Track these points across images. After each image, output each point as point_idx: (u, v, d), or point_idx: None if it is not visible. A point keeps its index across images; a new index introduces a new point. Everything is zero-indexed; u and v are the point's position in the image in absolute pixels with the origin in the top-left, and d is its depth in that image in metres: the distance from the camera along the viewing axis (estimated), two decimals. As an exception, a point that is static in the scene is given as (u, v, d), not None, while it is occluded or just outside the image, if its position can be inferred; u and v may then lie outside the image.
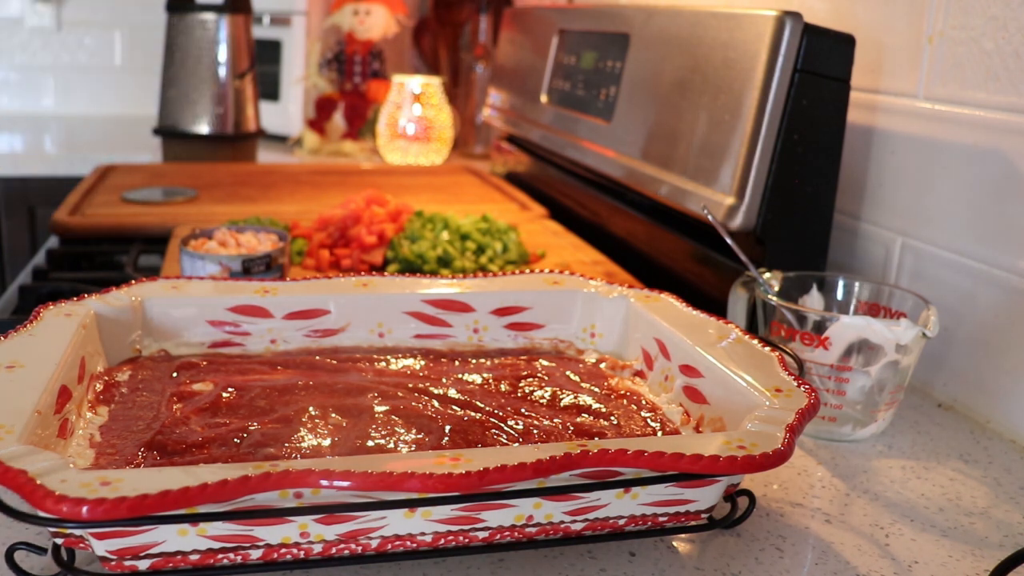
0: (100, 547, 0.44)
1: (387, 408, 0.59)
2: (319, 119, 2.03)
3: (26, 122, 2.33)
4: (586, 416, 0.61)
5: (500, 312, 0.73)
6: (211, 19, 1.69)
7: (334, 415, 0.58)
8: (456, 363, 0.69)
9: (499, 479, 0.43)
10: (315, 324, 0.70)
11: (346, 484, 0.42)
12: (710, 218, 0.78)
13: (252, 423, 0.57)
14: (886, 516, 0.60)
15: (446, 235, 0.99)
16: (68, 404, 0.54)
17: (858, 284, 0.78)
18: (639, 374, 0.69)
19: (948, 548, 0.57)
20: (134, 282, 0.69)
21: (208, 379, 0.63)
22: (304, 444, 0.55)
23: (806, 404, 0.52)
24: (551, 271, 0.77)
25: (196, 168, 1.55)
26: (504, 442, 0.56)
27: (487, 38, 2.05)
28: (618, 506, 0.50)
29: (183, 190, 1.34)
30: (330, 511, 0.45)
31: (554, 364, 0.69)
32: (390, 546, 0.48)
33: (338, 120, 2.03)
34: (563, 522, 0.50)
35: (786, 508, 0.60)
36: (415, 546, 0.48)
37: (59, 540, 0.46)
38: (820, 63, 0.80)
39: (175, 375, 0.63)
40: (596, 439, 0.56)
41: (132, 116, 2.44)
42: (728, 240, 0.75)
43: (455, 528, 0.48)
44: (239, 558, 0.46)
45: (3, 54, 2.41)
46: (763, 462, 0.46)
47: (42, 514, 0.42)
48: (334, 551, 0.48)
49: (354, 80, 2.06)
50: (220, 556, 0.46)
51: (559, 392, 0.64)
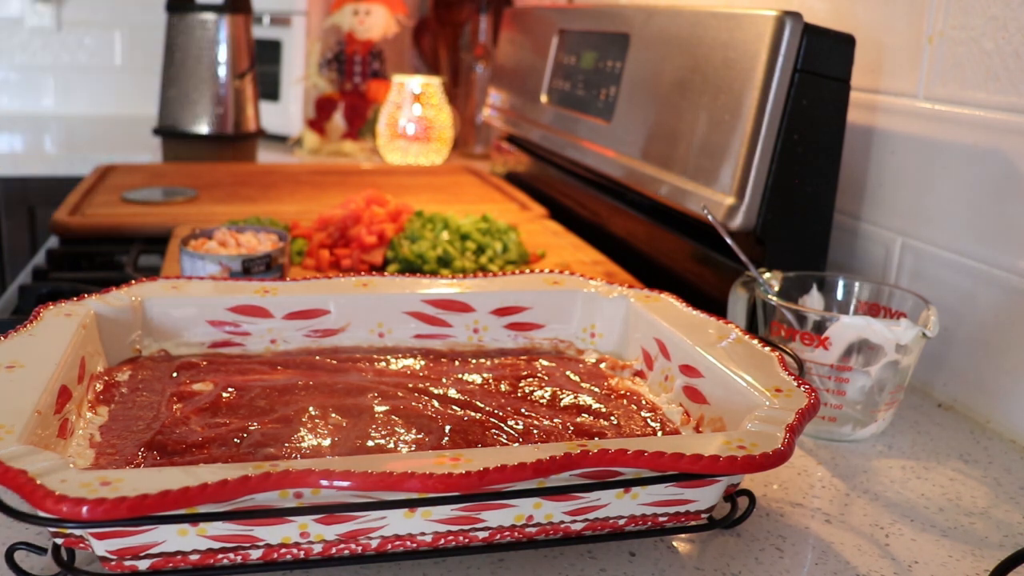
0: (100, 547, 0.44)
1: (387, 408, 0.59)
2: (319, 119, 2.03)
3: (26, 122, 2.33)
4: (586, 416, 0.61)
5: (500, 312, 0.73)
6: (211, 19, 1.69)
7: (334, 415, 0.58)
8: (456, 363, 0.69)
9: (499, 479, 0.43)
10: (315, 324, 0.70)
11: (346, 484, 0.42)
12: (710, 218, 0.78)
13: (252, 423, 0.57)
14: (886, 516, 0.60)
15: (446, 235, 0.99)
16: (68, 404, 0.54)
17: (858, 284, 0.78)
18: (639, 374, 0.69)
19: (948, 548, 0.57)
20: (134, 282, 0.69)
21: (208, 379, 0.63)
22: (304, 444, 0.55)
23: (806, 404, 0.53)
24: (551, 271, 0.77)
25: (196, 168, 1.55)
26: (504, 442, 0.56)
27: (487, 38, 2.05)
28: (618, 506, 0.50)
29: (183, 190, 1.34)
30: (330, 511, 0.45)
31: (554, 364, 0.69)
32: (390, 546, 0.48)
33: (338, 120, 2.03)
34: (563, 522, 0.50)
35: (786, 508, 0.60)
36: (415, 546, 0.48)
37: (59, 540, 0.46)
38: (820, 63, 0.80)
39: (175, 375, 0.64)
40: (596, 439, 0.56)
41: (132, 116, 2.44)
42: (728, 240, 0.75)
43: (455, 528, 0.48)
44: (239, 558, 0.46)
45: (3, 54, 2.41)
46: (763, 462, 0.46)
47: (42, 514, 0.42)
48: (334, 551, 0.48)
49: (354, 80, 2.06)
50: (220, 556, 0.46)
51: (559, 392, 0.64)
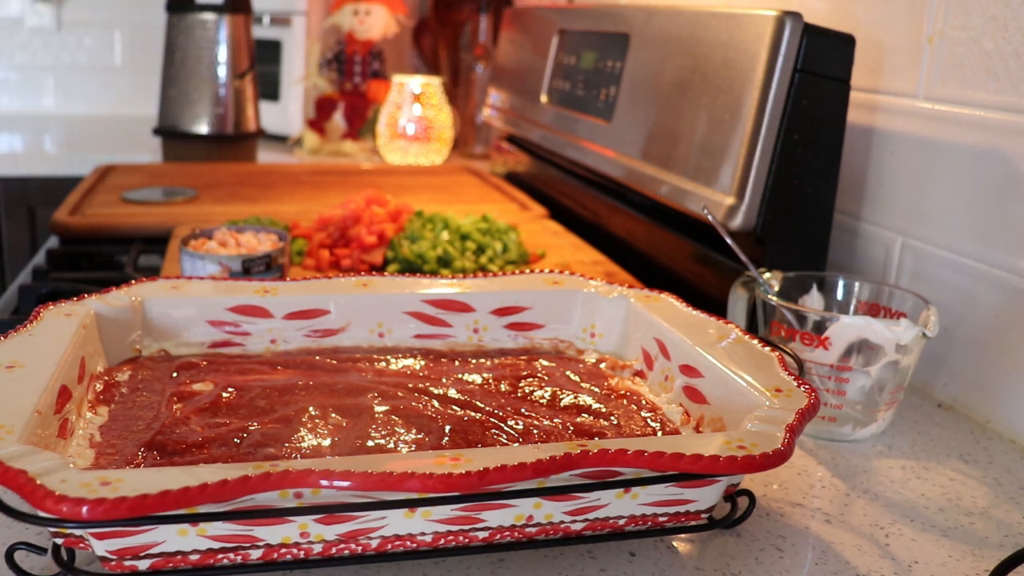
0: (100, 547, 0.44)
1: (387, 408, 0.59)
2: (319, 119, 2.03)
3: (26, 122, 2.33)
4: (586, 416, 0.61)
5: (500, 312, 0.73)
6: (211, 19, 1.69)
7: (334, 415, 0.58)
8: (456, 363, 0.69)
9: (499, 479, 0.43)
10: (315, 324, 0.70)
11: (346, 484, 0.42)
12: (710, 218, 0.78)
13: (252, 423, 0.57)
14: (886, 516, 0.60)
15: (446, 235, 0.99)
16: (68, 404, 0.54)
17: (858, 284, 0.78)
18: (639, 374, 0.69)
19: (948, 548, 0.57)
20: (134, 282, 0.69)
21: (208, 379, 0.63)
22: (304, 444, 0.55)
23: (806, 404, 0.52)
24: (551, 271, 0.77)
25: (196, 168, 1.55)
26: (504, 442, 0.56)
27: (487, 38, 2.05)
28: (618, 506, 0.50)
29: (183, 190, 1.34)
30: (330, 511, 0.45)
31: (554, 364, 0.69)
32: (390, 546, 0.48)
33: (338, 120, 2.03)
34: (563, 522, 0.50)
35: (786, 508, 0.60)
36: (415, 546, 0.48)
37: (59, 540, 0.46)
38: (820, 63, 0.80)
39: (175, 375, 0.64)
40: (596, 439, 0.56)
41: (132, 116, 2.44)
42: (728, 240, 0.75)
43: (455, 528, 0.48)
44: (239, 558, 0.46)
45: (3, 54, 2.41)
46: (763, 462, 0.46)
47: (42, 514, 0.42)
48: (334, 551, 0.48)
49: (354, 80, 2.06)
50: (220, 556, 0.46)
51: (559, 392, 0.64)
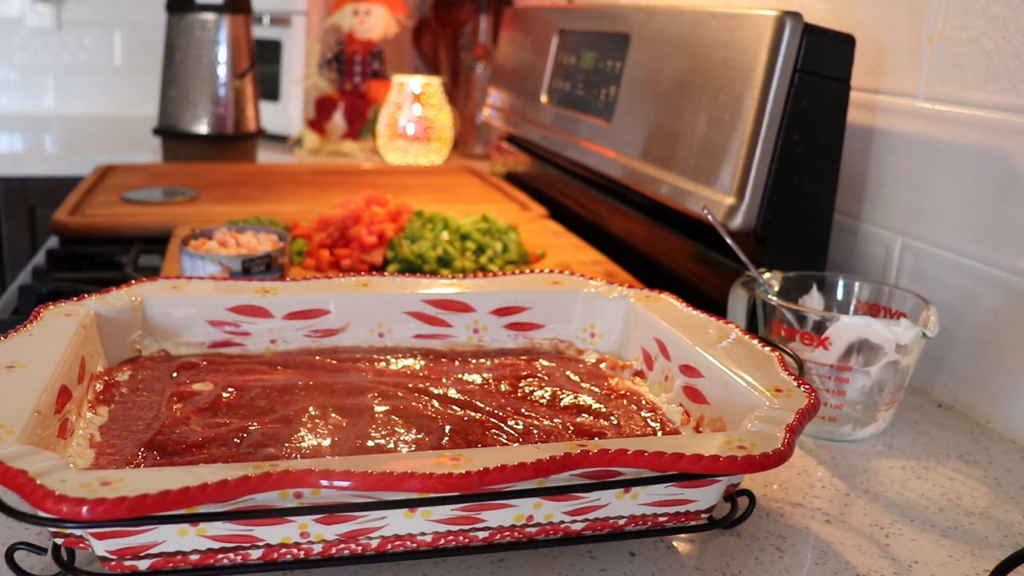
0: (100, 547, 0.44)
1: (387, 408, 0.59)
2: (319, 119, 2.03)
3: (26, 122, 2.33)
4: (586, 416, 0.61)
5: (500, 312, 0.73)
6: (211, 19, 1.69)
7: (334, 415, 0.58)
8: (456, 363, 0.69)
9: (499, 479, 0.43)
10: (315, 324, 0.70)
11: (346, 484, 0.42)
12: (710, 218, 0.78)
13: (252, 423, 0.57)
14: (886, 516, 0.60)
15: (446, 235, 0.99)
16: (68, 404, 0.54)
17: (858, 284, 0.78)
18: (639, 374, 0.69)
19: (948, 548, 0.57)
20: (134, 282, 0.69)
21: (208, 379, 0.63)
22: (304, 444, 0.55)
23: (806, 404, 0.52)
24: (551, 271, 0.77)
25: (196, 168, 1.55)
26: (504, 442, 0.56)
27: (487, 38, 2.05)
28: (618, 506, 0.50)
29: (183, 190, 1.34)
30: (330, 511, 0.45)
31: (554, 364, 0.69)
32: (390, 546, 0.48)
33: (338, 120, 2.03)
34: (563, 522, 0.50)
35: (786, 508, 0.60)
36: (415, 546, 0.48)
37: (59, 540, 0.46)
38: (820, 63, 0.80)
39: (175, 375, 0.64)
40: (596, 439, 0.56)
41: (132, 116, 2.44)
42: (728, 240, 0.75)
43: (455, 528, 0.48)
44: (239, 558, 0.46)
45: (3, 54, 2.41)
46: (763, 462, 0.46)
47: (42, 514, 0.42)
48: (334, 551, 0.48)
49: (354, 80, 2.06)
50: (220, 556, 0.46)
51: (559, 392, 0.64)
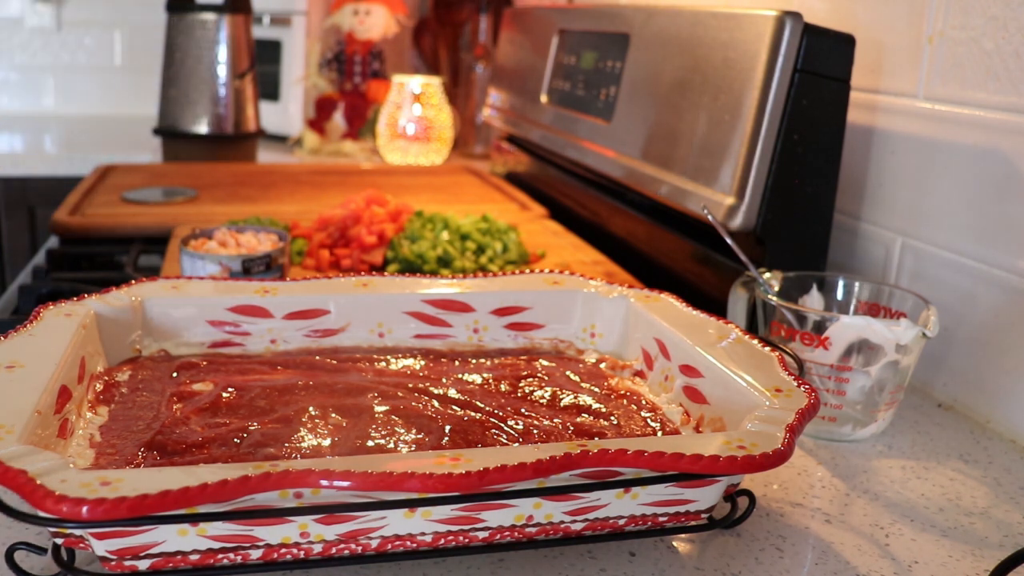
0: (100, 547, 0.44)
1: (387, 408, 0.59)
2: (319, 119, 2.03)
3: (26, 122, 2.33)
4: (586, 416, 0.61)
5: (500, 312, 0.73)
6: (211, 19, 1.69)
7: (334, 415, 0.58)
8: (456, 363, 0.69)
9: (499, 479, 0.43)
10: (315, 324, 0.70)
11: (346, 484, 0.42)
12: (710, 218, 0.78)
13: (252, 423, 0.57)
14: (886, 516, 0.60)
15: (446, 235, 0.99)
16: (68, 404, 0.54)
17: (858, 284, 0.78)
18: (639, 374, 0.69)
19: (948, 548, 0.57)
20: (134, 282, 0.69)
21: (208, 379, 0.63)
22: (304, 444, 0.55)
23: (806, 404, 0.52)
24: (551, 271, 0.77)
25: (196, 168, 1.55)
26: (504, 442, 0.56)
27: (487, 38, 2.05)
28: (618, 506, 0.50)
29: (183, 190, 1.34)
30: (330, 511, 0.45)
31: (554, 364, 0.69)
32: (390, 546, 0.48)
33: (338, 120, 2.03)
34: (563, 522, 0.50)
35: (786, 508, 0.60)
36: (415, 546, 0.48)
37: (59, 540, 0.46)
38: (820, 63, 0.80)
39: (175, 375, 0.64)
40: (596, 439, 0.56)
41: (132, 116, 2.44)
42: (728, 240, 0.75)
43: (455, 528, 0.48)
44: (239, 558, 0.46)
45: (3, 54, 2.41)
46: (763, 462, 0.46)
47: (42, 514, 0.42)
48: (334, 551, 0.48)
49: (354, 80, 2.06)
50: (220, 556, 0.46)
51: (559, 392, 0.64)
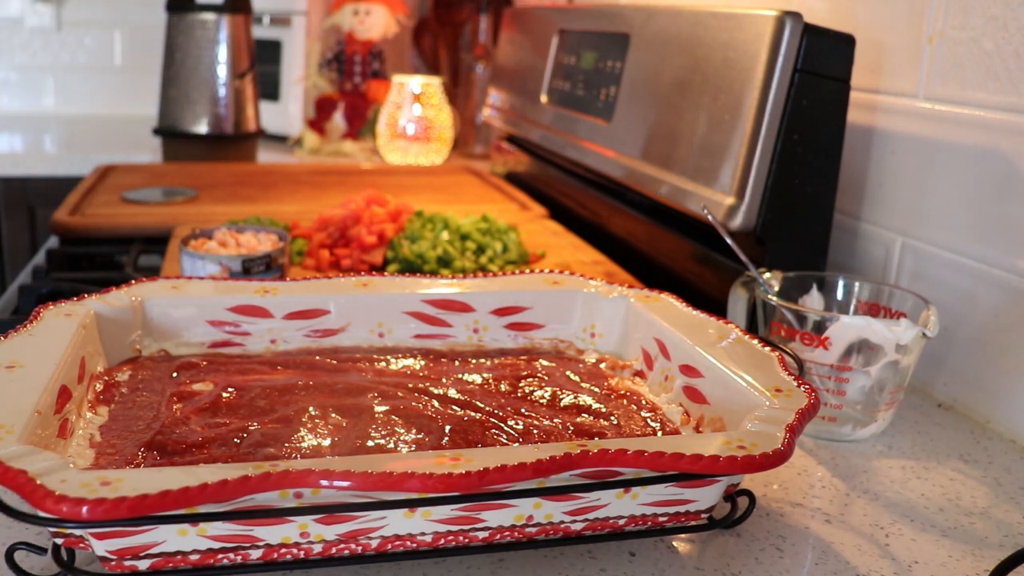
0: (100, 547, 0.44)
1: (387, 408, 0.59)
2: (319, 119, 2.03)
3: (26, 122, 2.33)
4: (586, 416, 0.61)
5: (500, 312, 0.73)
6: (211, 19, 1.69)
7: (334, 415, 0.58)
8: (456, 363, 0.69)
9: (499, 479, 0.43)
10: (315, 324, 0.70)
11: (346, 484, 0.42)
12: (710, 218, 0.78)
13: (252, 423, 0.57)
14: (886, 516, 0.60)
15: (446, 235, 0.99)
16: (68, 404, 0.54)
17: (858, 284, 0.78)
18: (639, 374, 0.69)
19: (948, 548, 0.57)
20: (134, 282, 0.69)
21: (208, 379, 0.63)
22: (304, 444, 0.55)
23: (806, 404, 0.52)
24: (551, 271, 0.77)
25: (196, 168, 1.55)
26: (504, 442, 0.56)
27: (487, 38, 2.05)
28: (618, 506, 0.50)
29: (183, 190, 1.34)
30: (330, 511, 0.45)
31: (554, 364, 0.69)
32: (390, 546, 0.48)
33: (338, 120, 2.03)
34: (563, 522, 0.50)
35: (786, 508, 0.60)
36: (415, 546, 0.48)
37: (59, 540, 0.46)
38: (820, 63, 0.80)
39: (175, 375, 0.64)
40: (596, 439, 0.56)
41: (132, 116, 2.44)
42: (728, 240, 0.75)
43: (455, 528, 0.48)
44: (239, 558, 0.46)
45: (3, 54, 2.41)
46: (763, 462, 0.46)
47: (42, 514, 0.42)
48: (334, 551, 0.48)
49: (354, 80, 2.06)
50: (220, 556, 0.46)
51: (559, 392, 0.64)
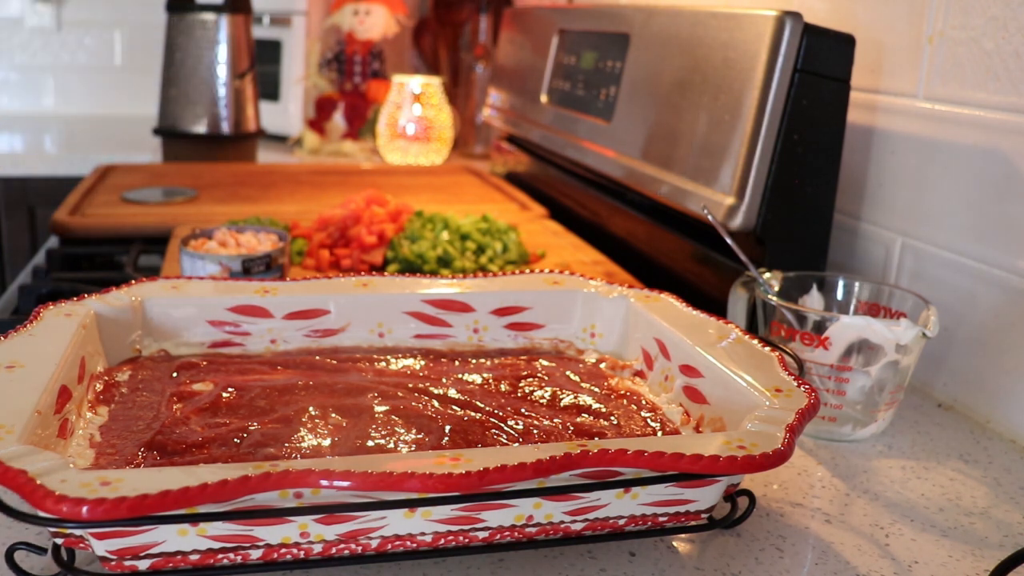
0: (100, 547, 0.44)
1: (387, 408, 0.59)
2: (319, 119, 2.03)
3: (26, 122, 2.33)
4: (586, 416, 0.61)
5: (500, 312, 0.73)
6: (211, 19, 1.69)
7: (334, 415, 0.58)
8: (456, 363, 0.69)
9: (499, 479, 0.43)
10: (315, 324, 0.70)
11: (346, 484, 0.42)
12: (710, 218, 0.78)
13: (252, 423, 0.57)
14: (886, 516, 0.60)
15: (446, 235, 0.99)
16: (68, 404, 0.54)
17: (858, 284, 0.78)
18: (639, 374, 0.69)
19: (948, 548, 0.57)
20: (134, 282, 0.69)
21: (208, 379, 0.63)
22: (304, 444, 0.55)
23: (806, 404, 0.52)
24: (551, 271, 0.77)
25: (196, 168, 1.55)
26: (504, 442, 0.56)
27: (487, 38, 2.05)
28: (618, 506, 0.50)
29: (183, 190, 1.34)
30: (330, 511, 0.45)
31: (554, 364, 0.69)
32: (390, 546, 0.48)
33: (338, 120, 2.03)
34: (563, 522, 0.50)
35: (786, 508, 0.60)
36: (415, 546, 0.48)
37: (59, 540, 0.46)
38: (820, 63, 0.80)
39: (175, 375, 0.64)
40: (596, 439, 0.56)
41: (132, 116, 2.44)
42: (728, 240, 0.75)
43: (455, 528, 0.48)
44: (239, 558, 0.46)
45: (3, 54, 2.41)
46: (763, 462, 0.46)
47: (42, 514, 0.42)
48: (334, 551, 0.48)
49: (354, 80, 2.06)
50: (220, 556, 0.46)
51: (559, 392, 0.64)
